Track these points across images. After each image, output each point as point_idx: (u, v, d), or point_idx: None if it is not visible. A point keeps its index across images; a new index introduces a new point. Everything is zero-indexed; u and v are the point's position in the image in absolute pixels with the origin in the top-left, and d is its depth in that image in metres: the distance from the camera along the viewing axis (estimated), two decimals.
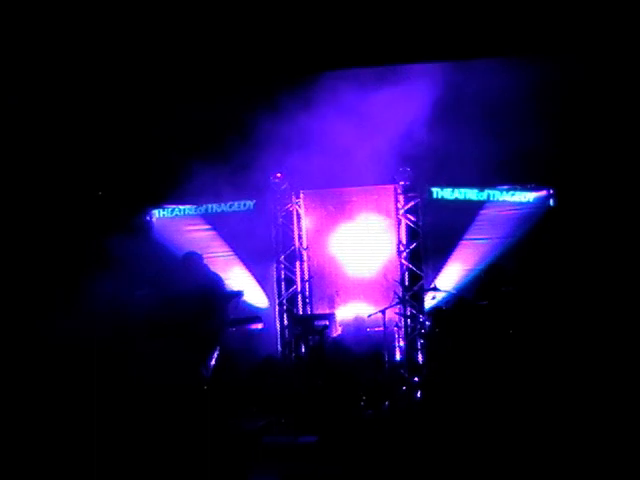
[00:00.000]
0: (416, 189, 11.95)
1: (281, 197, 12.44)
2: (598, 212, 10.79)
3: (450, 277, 11.65)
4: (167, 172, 11.58)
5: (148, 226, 12.43)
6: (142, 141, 11.74)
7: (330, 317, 11.67)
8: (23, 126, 10.95)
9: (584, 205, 10.94)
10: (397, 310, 11.52)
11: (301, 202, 12.50)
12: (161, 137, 11.66)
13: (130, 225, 11.71)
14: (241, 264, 12.29)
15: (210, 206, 12.47)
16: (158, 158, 11.79)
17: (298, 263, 12.51)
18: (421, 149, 11.18)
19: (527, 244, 11.23)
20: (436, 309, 10.87)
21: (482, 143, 10.59)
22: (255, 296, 12.24)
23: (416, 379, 10.86)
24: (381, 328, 11.08)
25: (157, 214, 12.54)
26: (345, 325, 11.84)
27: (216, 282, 10.45)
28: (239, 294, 10.80)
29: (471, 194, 11.76)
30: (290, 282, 12.56)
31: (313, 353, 10.97)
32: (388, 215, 12.20)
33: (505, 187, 11.68)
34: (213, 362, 9.87)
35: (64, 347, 9.57)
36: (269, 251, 12.43)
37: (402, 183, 11.97)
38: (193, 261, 10.39)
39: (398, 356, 11.51)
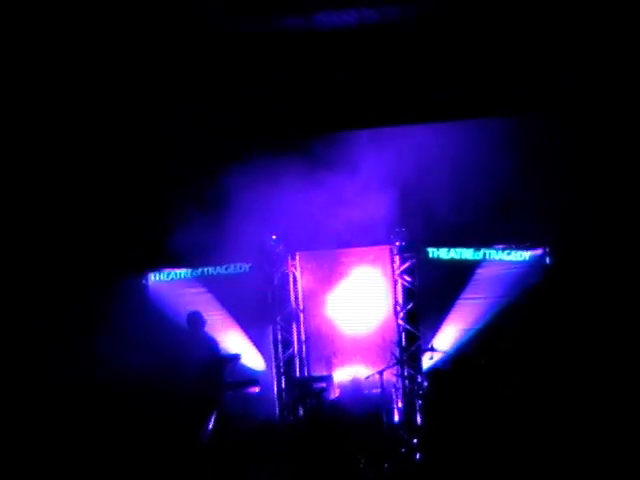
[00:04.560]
0: (412, 249, 11.94)
1: (277, 259, 12.42)
2: (594, 269, 10.83)
3: (447, 337, 11.59)
4: (163, 236, 11.60)
5: (144, 290, 12.39)
6: (139, 205, 11.80)
7: (328, 379, 11.61)
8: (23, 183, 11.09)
9: (580, 263, 10.98)
10: (395, 371, 11.51)
11: (297, 264, 12.49)
12: (157, 201, 11.75)
13: (126, 289, 11.70)
14: (237, 326, 12.20)
15: (206, 269, 12.42)
16: (154, 222, 11.83)
17: (295, 325, 12.44)
18: (416, 209, 11.25)
19: (524, 302, 11.21)
20: (434, 370, 10.87)
21: (477, 202, 10.69)
22: (252, 359, 12.13)
23: (415, 440, 10.74)
24: (379, 390, 11.04)
25: (153, 277, 12.50)
26: (343, 387, 11.74)
27: (213, 346, 10.47)
28: (236, 357, 10.77)
29: (467, 253, 11.76)
30: (287, 344, 12.48)
31: (311, 416, 10.90)
32: (384, 275, 12.19)
33: (501, 246, 11.68)
34: (211, 426, 9.79)
35: (59, 412, 9.52)
36: (265, 313, 12.35)
37: (398, 244, 11.98)
38: (196, 322, 10.49)
39: (397, 417, 11.41)
